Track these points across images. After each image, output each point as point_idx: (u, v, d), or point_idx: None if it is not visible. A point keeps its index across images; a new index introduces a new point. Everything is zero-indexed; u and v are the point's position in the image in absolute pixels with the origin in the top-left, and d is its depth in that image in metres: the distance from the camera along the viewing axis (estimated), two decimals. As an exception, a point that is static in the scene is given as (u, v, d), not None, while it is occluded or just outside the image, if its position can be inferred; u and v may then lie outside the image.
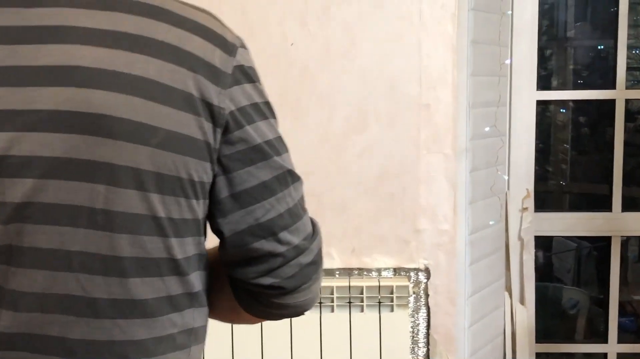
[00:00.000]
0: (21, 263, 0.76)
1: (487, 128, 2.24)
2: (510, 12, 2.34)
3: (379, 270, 2.11)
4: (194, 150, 0.79)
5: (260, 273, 0.85)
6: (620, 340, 2.63)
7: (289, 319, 2.04)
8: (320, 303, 2.06)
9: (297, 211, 0.87)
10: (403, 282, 2.06)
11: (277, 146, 0.86)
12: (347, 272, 2.11)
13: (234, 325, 2.03)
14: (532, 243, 2.47)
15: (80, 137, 0.74)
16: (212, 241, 0.89)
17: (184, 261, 0.81)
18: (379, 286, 2.04)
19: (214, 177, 0.82)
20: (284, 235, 0.84)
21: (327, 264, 2.11)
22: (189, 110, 0.78)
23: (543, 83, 2.70)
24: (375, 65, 2.06)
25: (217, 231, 0.85)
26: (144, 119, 0.76)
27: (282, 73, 2.07)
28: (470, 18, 2.12)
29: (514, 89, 2.44)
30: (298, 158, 2.02)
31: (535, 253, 2.52)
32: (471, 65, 2.14)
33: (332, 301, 2.05)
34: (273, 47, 2.06)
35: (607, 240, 2.60)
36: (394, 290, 2.04)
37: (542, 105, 2.68)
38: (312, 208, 2.03)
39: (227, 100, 0.81)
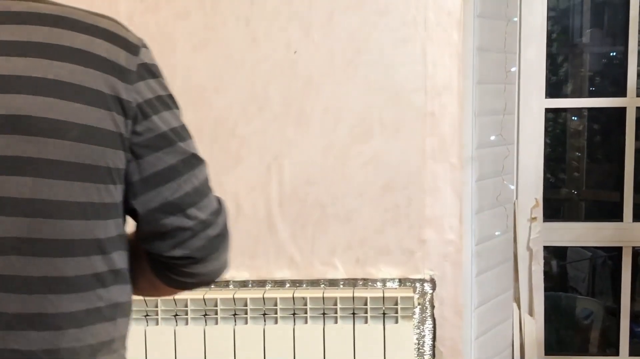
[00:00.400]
0: None
1: (493, 137, 2.21)
2: (516, 18, 2.31)
3: (383, 281, 2.08)
4: (109, 141, 0.90)
5: (172, 246, 0.97)
6: (636, 350, 2.59)
7: (292, 329, 2.05)
8: (324, 313, 2.04)
9: (202, 190, 0.98)
10: (408, 293, 2.04)
11: (182, 133, 0.97)
12: (352, 283, 2.09)
13: (236, 336, 2.03)
14: (541, 253, 2.44)
15: (7, 137, 0.86)
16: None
17: (106, 241, 0.92)
18: (384, 297, 2.02)
19: (127, 162, 0.93)
20: (192, 211, 0.96)
21: (331, 274, 2.11)
22: (102, 106, 0.90)
23: (554, 90, 2.66)
24: (380, 73, 2.04)
25: (132, 211, 0.96)
26: (61, 117, 0.87)
27: (286, 81, 2.06)
28: (476, 25, 2.10)
29: (522, 97, 2.41)
30: (302, 168, 2.05)
31: (549, 261, 2.48)
32: (477, 72, 2.12)
33: (336, 312, 2.03)
34: (277, 55, 2.05)
35: (620, 250, 2.56)
36: (399, 301, 2.02)
37: (552, 112, 2.64)
38: (316, 218, 2.05)
39: (134, 94, 0.92)
